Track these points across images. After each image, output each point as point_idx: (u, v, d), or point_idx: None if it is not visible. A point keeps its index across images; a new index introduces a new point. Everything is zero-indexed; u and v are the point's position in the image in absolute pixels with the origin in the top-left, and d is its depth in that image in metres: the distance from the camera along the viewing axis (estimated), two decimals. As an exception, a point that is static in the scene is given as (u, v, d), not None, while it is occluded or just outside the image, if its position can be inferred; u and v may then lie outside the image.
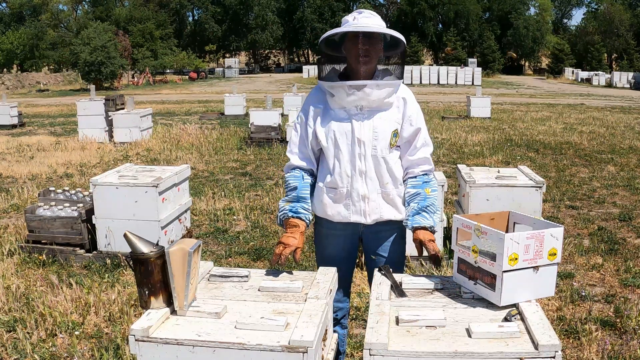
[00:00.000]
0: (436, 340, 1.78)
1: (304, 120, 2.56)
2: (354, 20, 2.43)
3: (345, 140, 2.46)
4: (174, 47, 51.08)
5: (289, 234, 2.45)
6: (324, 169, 2.56)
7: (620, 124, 15.73)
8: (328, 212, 2.54)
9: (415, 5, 54.37)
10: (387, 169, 2.49)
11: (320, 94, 2.55)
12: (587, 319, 3.84)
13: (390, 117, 2.49)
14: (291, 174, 2.57)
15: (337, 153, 2.48)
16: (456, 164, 7.98)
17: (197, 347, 1.77)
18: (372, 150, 2.46)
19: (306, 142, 2.55)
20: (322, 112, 2.52)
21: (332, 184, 2.51)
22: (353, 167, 2.47)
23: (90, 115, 12.15)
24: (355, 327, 3.79)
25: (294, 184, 2.54)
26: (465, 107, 17.80)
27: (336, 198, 2.52)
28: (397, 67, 2.51)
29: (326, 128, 2.50)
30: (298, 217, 2.49)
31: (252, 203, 7.06)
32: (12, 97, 26.78)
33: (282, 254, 2.39)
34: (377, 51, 2.45)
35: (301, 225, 2.48)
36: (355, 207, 2.50)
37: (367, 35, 2.39)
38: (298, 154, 2.57)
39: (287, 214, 2.50)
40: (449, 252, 4.80)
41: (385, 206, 2.52)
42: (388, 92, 2.45)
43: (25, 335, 3.58)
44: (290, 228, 2.47)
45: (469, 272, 2.10)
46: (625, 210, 6.85)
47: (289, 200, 2.53)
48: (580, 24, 61.28)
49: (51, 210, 5.16)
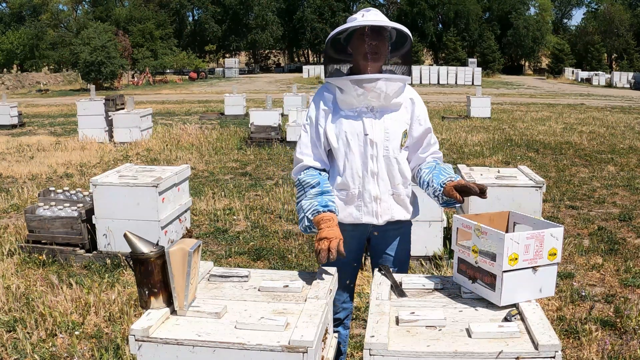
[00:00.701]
0: (436, 340, 1.78)
1: (314, 121, 2.50)
2: (362, 18, 2.41)
3: (357, 141, 2.44)
4: (174, 47, 51.09)
5: (326, 227, 2.30)
6: (333, 170, 2.52)
7: (620, 124, 15.73)
8: (339, 214, 2.46)
9: (415, 5, 54.37)
10: (398, 169, 2.49)
11: (328, 95, 2.50)
12: (587, 319, 3.84)
13: (399, 118, 2.48)
14: (307, 173, 2.47)
15: (348, 154, 2.45)
16: (456, 164, 7.98)
17: (197, 347, 1.77)
18: (384, 150, 2.45)
19: (317, 142, 2.50)
20: (332, 113, 2.48)
21: (342, 185, 2.48)
22: (365, 168, 2.45)
23: (90, 115, 12.16)
24: (355, 327, 3.79)
25: (313, 181, 2.43)
26: (465, 107, 17.81)
27: (347, 200, 2.49)
28: (405, 65, 2.49)
29: (337, 129, 2.46)
30: (330, 210, 2.37)
31: (252, 203, 7.06)
32: (12, 97, 26.78)
33: (330, 247, 2.23)
34: (385, 48, 2.43)
35: (334, 218, 2.36)
36: (367, 208, 2.48)
37: (375, 31, 2.37)
38: (310, 154, 2.51)
39: (318, 209, 2.35)
40: (449, 252, 4.80)
41: (396, 207, 2.52)
42: (398, 88, 2.43)
43: (25, 335, 3.58)
44: (325, 222, 2.32)
45: (469, 272, 2.10)
46: (625, 210, 6.85)
47: (314, 196, 2.40)
48: (580, 24, 61.30)
49: (51, 210, 5.16)
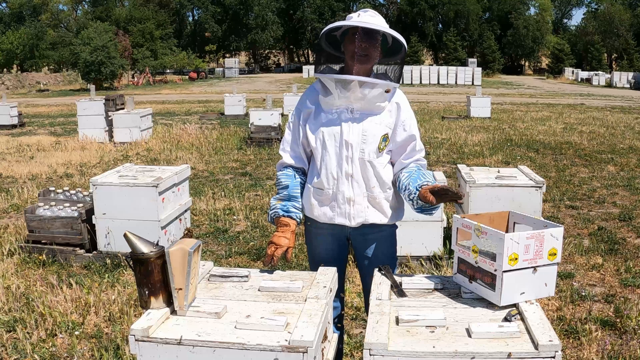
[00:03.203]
0: (436, 340, 1.78)
1: (297, 120, 2.57)
2: (357, 17, 2.41)
3: (333, 142, 2.45)
4: (174, 47, 51.07)
5: (280, 233, 2.46)
6: (312, 170, 2.56)
7: (620, 124, 15.73)
8: (314, 212, 2.55)
9: (415, 5, 54.34)
10: (374, 173, 2.47)
11: (314, 94, 2.53)
12: (587, 319, 3.84)
13: (381, 121, 2.46)
14: (283, 172, 2.59)
15: (324, 154, 2.47)
16: (456, 164, 7.98)
17: (197, 347, 1.77)
18: (360, 153, 2.44)
19: (298, 141, 2.56)
20: (314, 113, 2.51)
21: (318, 184, 2.51)
22: (340, 169, 2.46)
23: (90, 115, 12.16)
24: (355, 327, 3.79)
25: (286, 182, 2.56)
26: (465, 107, 17.81)
27: (322, 199, 2.52)
28: (395, 69, 2.47)
29: (316, 129, 2.49)
30: (289, 216, 2.50)
31: (252, 203, 7.06)
32: (12, 97, 26.79)
33: (274, 254, 2.41)
34: (376, 51, 2.42)
35: (292, 224, 2.49)
36: (340, 209, 2.50)
37: (367, 33, 2.36)
38: (290, 152, 2.59)
39: (278, 213, 2.51)
40: (449, 252, 4.80)
41: (370, 210, 2.50)
42: (379, 93, 2.40)
43: (25, 335, 3.59)
44: (282, 227, 2.48)
45: (469, 272, 2.10)
46: (625, 210, 6.85)
47: (280, 199, 2.54)
48: (580, 24, 61.27)
49: (51, 210, 5.16)
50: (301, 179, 2.59)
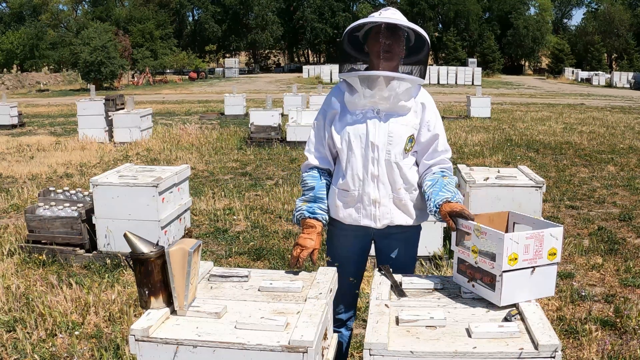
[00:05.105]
0: (436, 340, 1.78)
1: (322, 121, 2.55)
2: (379, 16, 2.40)
3: (359, 143, 2.43)
4: (174, 47, 51.10)
5: (305, 235, 2.44)
6: (338, 171, 2.54)
7: (620, 124, 15.73)
8: (340, 214, 2.52)
9: (415, 5, 54.37)
10: (400, 174, 2.45)
11: (340, 95, 2.50)
12: (587, 319, 3.84)
13: (406, 122, 2.44)
14: (309, 174, 2.57)
15: (350, 156, 2.45)
16: (456, 164, 7.98)
17: (197, 347, 1.77)
18: (386, 154, 2.42)
19: (323, 142, 2.54)
20: (340, 114, 2.49)
21: (344, 186, 2.49)
22: (365, 171, 2.44)
23: (90, 115, 12.16)
24: (355, 327, 3.79)
25: (312, 183, 2.54)
26: (465, 107, 17.81)
27: (347, 201, 2.50)
28: (420, 65, 2.43)
29: (341, 130, 2.47)
30: (315, 218, 2.48)
31: (252, 203, 7.06)
32: (12, 97, 26.78)
33: (299, 256, 2.38)
34: (400, 49, 2.40)
35: (318, 226, 2.47)
36: (365, 210, 2.47)
37: (390, 29, 2.35)
38: (315, 153, 2.56)
39: (304, 214, 2.49)
40: (449, 252, 4.80)
41: (396, 211, 2.48)
42: (406, 89, 2.38)
43: (25, 335, 3.58)
44: (307, 229, 2.46)
45: (469, 272, 2.10)
46: (625, 210, 6.85)
47: (306, 200, 2.52)
48: (580, 24, 61.29)
49: (51, 210, 5.16)
50: (327, 180, 2.57)
